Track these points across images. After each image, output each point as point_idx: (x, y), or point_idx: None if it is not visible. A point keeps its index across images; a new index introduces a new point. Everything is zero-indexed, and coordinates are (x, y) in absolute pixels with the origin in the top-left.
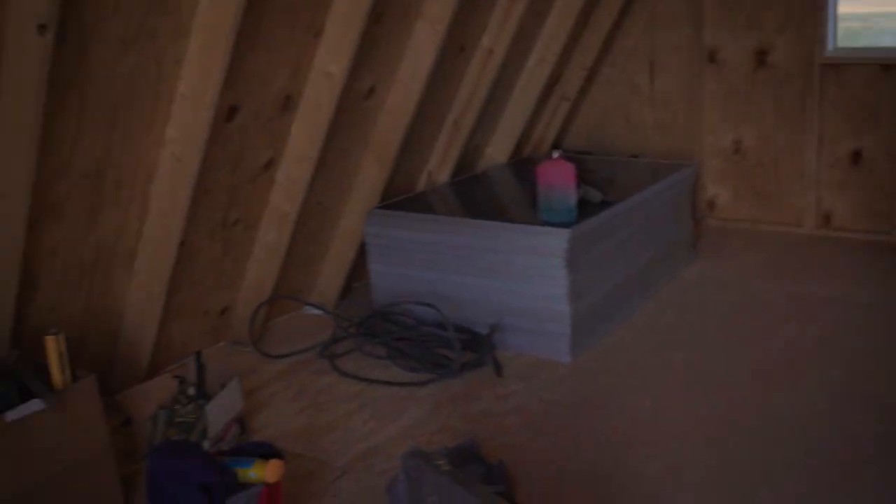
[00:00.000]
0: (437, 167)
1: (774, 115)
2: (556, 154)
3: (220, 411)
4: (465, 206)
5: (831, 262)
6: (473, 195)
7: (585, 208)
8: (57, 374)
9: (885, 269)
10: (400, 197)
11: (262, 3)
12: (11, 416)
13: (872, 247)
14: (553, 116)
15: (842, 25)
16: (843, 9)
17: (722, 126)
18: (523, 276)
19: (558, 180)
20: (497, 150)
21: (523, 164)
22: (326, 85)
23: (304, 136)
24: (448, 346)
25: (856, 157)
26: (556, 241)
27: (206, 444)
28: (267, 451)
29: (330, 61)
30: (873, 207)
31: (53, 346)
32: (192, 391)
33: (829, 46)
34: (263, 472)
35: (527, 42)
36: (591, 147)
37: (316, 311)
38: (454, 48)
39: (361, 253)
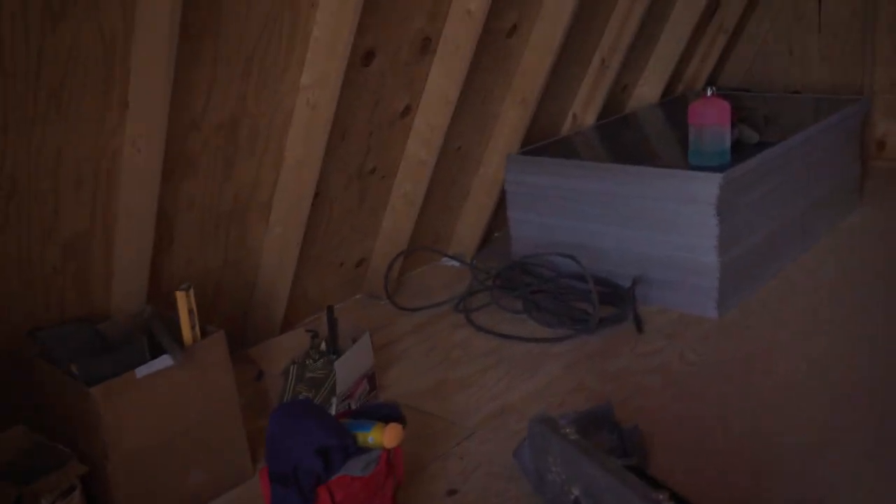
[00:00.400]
0: (583, 109)
1: None
2: (709, 91)
3: (349, 368)
4: (608, 150)
5: None
6: (619, 138)
7: (741, 150)
8: (187, 330)
9: None
10: (543, 142)
11: None
12: (141, 371)
13: None
14: (710, 50)
15: None
16: None
17: (894, 59)
18: (670, 225)
19: (711, 120)
20: (648, 90)
21: (675, 104)
22: (466, 24)
23: (442, 80)
24: (587, 300)
25: None
26: (706, 186)
27: (334, 401)
28: (391, 414)
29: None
30: None
31: (184, 302)
32: (323, 346)
33: None
34: (381, 436)
35: None
36: (750, 83)
37: (454, 263)
38: None
39: (502, 201)
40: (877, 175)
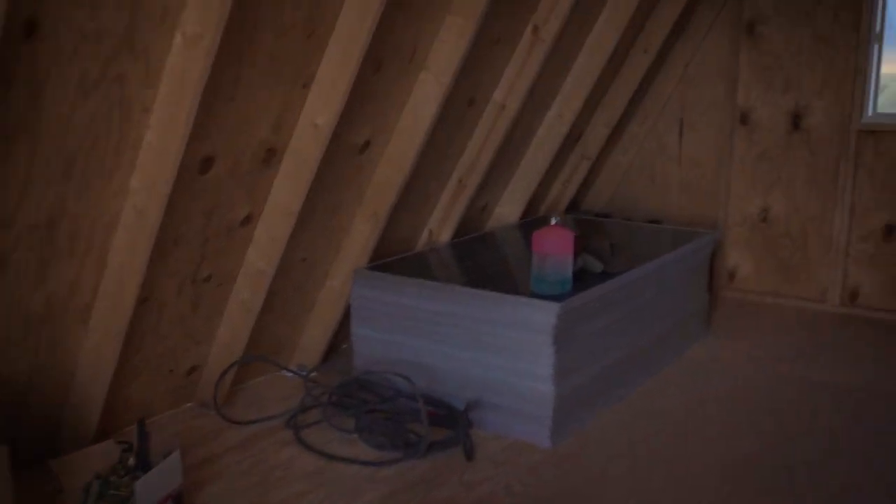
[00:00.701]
0: (439, 226)
1: (806, 182)
2: (553, 220)
3: (152, 487)
4: (457, 270)
5: (854, 344)
6: (471, 258)
7: (585, 279)
8: None
9: None
10: (395, 257)
11: (244, 52)
12: None
13: None
14: (572, 175)
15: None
16: (887, 68)
17: (750, 192)
18: (509, 351)
19: (553, 249)
20: (508, 210)
21: (535, 225)
22: (312, 138)
23: (286, 191)
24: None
25: (889, 231)
26: (543, 315)
27: None
28: None
29: (318, 112)
30: None
31: None
32: (132, 461)
33: (869, 112)
34: None
35: (544, 98)
36: (613, 208)
37: (292, 375)
38: (462, 102)
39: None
40: (727, 305)
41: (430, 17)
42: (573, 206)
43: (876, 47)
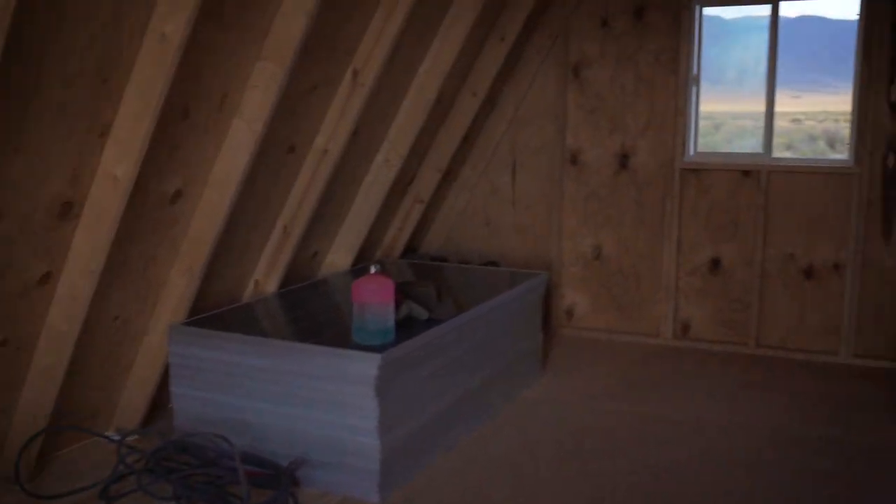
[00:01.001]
0: (266, 276)
1: (635, 220)
2: (373, 269)
3: None
4: (282, 322)
5: (686, 377)
6: (299, 308)
7: (410, 327)
8: None
9: (740, 384)
10: (217, 309)
11: (29, 104)
12: None
13: (730, 359)
14: (406, 219)
15: (733, 123)
16: (722, 106)
17: (582, 231)
18: (332, 405)
19: (374, 297)
20: (340, 257)
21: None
22: (113, 189)
23: (87, 246)
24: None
25: (714, 264)
26: (364, 367)
27: None
28: None
29: (117, 163)
30: (731, 317)
31: None
32: None
33: (691, 151)
34: None
35: (370, 143)
36: (449, 252)
37: (108, 439)
38: (282, 148)
39: None
40: (566, 343)
41: (239, 63)
42: (409, 250)
43: (694, 89)
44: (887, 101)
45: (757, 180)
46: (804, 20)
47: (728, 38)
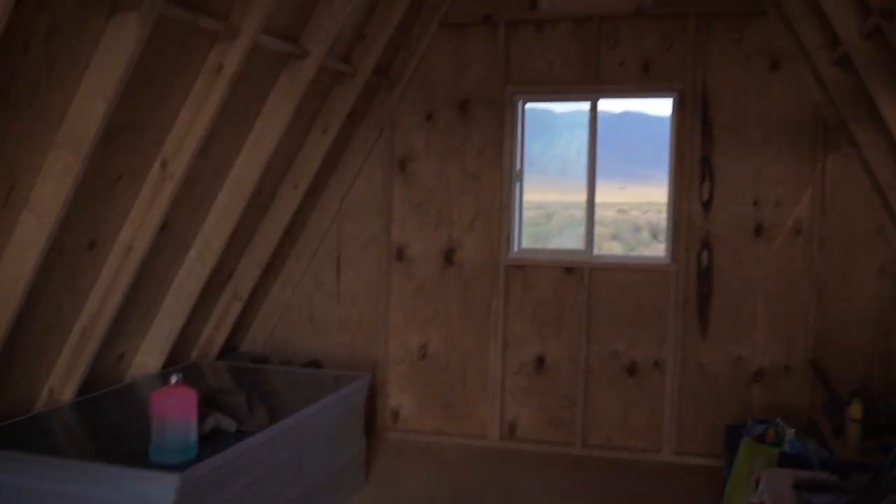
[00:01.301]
0: (62, 383)
1: (462, 317)
2: (174, 378)
3: None
4: (72, 437)
5: (512, 484)
6: (95, 420)
7: (217, 441)
8: None
9: (564, 492)
10: (3, 422)
11: None
12: None
13: (556, 461)
14: (223, 317)
15: (527, 214)
16: (527, 196)
17: (408, 328)
18: None
19: (174, 411)
20: (149, 359)
21: (183, 373)
22: None
23: None
24: None
25: (540, 362)
26: (162, 488)
27: None
28: None
29: None
30: (558, 415)
31: None
32: None
33: (515, 247)
34: None
35: (182, 237)
36: (272, 350)
37: None
38: (80, 243)
39: None
40: (390, 448)
41: (30, 150)
42: (229, 349)
43: (518, 184)
44: (700, 200)
45: (580, 277)
46: (627, 115)
47: (560, 129)
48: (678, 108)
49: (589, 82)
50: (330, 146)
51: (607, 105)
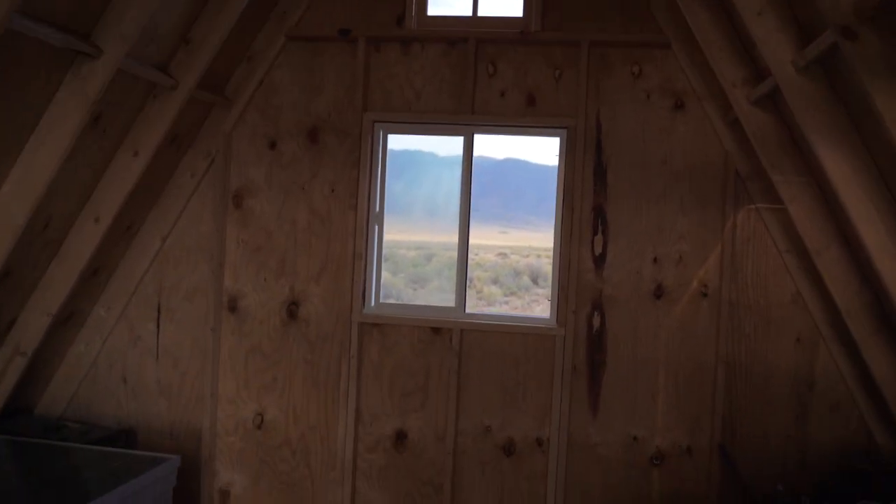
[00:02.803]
0: None
1: (306, 382)
2: None
3: None
4: None
5: None
6: None
7: None
8: None
9: None
10: None
11: None
12: None
13: None
14: (3, 375)
15: (399, 253)
16: (397, 236)
17: (242, 394)
18: None
19: None
20: None
21: None
22: None
23: None
24: None
25: (400, 438)
26: None
27: None
28: None
29: None
30: (420, 503)
31: None
32: None
33: (372, 302)
34: None
35: None
36: (75, 414)
37: None
38: None
39: None
40: None
41: None
42: (21, 411)
43: (376, 228)
44: (591, 254)
45: (449, 339)
46: (510, 162)
47: (441, 169)
48: (567, 148)
49: (464, 114)
50: (144, 173)
51: (488, 149)
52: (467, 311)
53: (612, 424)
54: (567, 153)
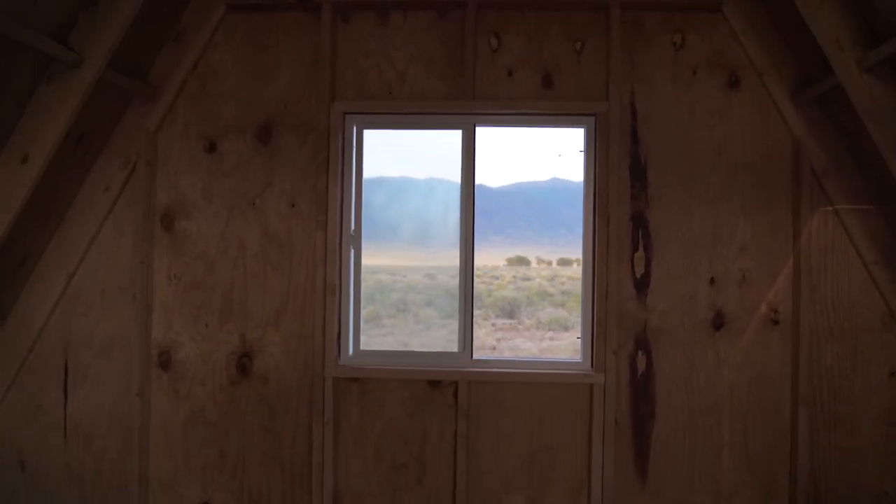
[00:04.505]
0: None
1: (265, 457)
2: None
3: None
4: None
5: None
6: None
7: None
8: None
9: None
10: None
11: None
12: None
13: None
14: None
15: (371, 278)
16: (368, 261)
17: (181, 476)
18: None
19: None
20: None
21: None
22: None
23: None
24: None
25: None
26: None
27: None
28: None
29: None
30: None
31: None
32: None
33: (350, 349)
34: None
35: None
36: None
37: None
38: None
39: None
40: None
41: None
42: None
43: (352, 251)
44: (631, 276)
45: (452, 394)
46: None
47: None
48: (597, 141)
49: (461, 99)
50: (39, 185)
51: (391, 163)
52: (475, 356)
53: (665, 492)
54: (598, 147)
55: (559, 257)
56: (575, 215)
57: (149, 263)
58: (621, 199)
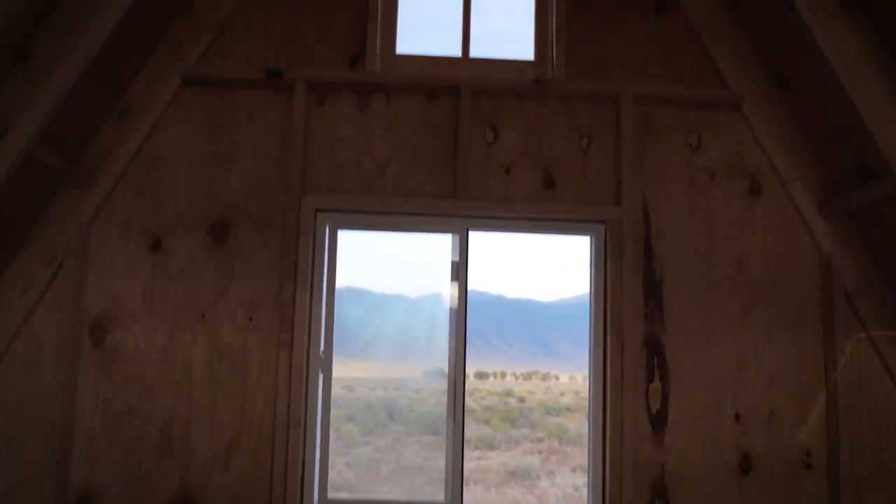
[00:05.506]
0: None
1: None
2: None
3: None
4: None
5: None
6: None
7: None
8: None
9: None
10: None
11: None
12: None
13: None
14: None
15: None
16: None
17: None
18: None
19: None
20: None
21: None
22: None
23: None
24: None
25: None
26: None
27: None
28: None
29: None
30: None
31: None
32: None
33: (315, 496)
34: None
35: None
36: None
37: None
38: None
39: None
40: None
41: None
42: None
43: (321, 376)
44: (646, 411)
45: None
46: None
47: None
48: (607, 252)
49: (450, 198)
50: None
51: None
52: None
53: None
54: (609, 259)
55: (475, 370)
56: (487, 325)
57: (71, 384)
58: (634, 320)
